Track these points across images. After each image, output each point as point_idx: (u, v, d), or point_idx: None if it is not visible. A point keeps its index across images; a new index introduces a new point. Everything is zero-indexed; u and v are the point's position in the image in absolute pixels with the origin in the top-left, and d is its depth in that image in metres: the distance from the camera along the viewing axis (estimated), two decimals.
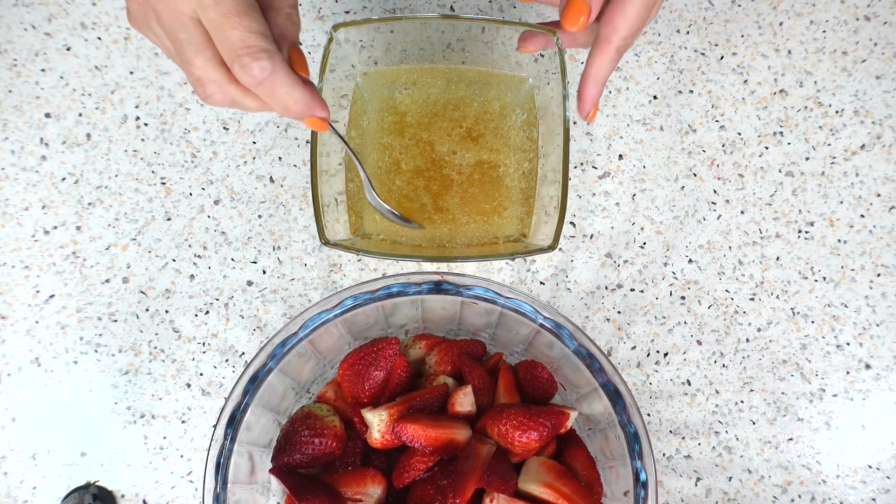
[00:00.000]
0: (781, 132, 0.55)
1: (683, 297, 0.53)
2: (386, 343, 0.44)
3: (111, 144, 0.54)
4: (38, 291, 0.52)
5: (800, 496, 0.51)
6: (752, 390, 0.52)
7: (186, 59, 0.34)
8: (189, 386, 0.51)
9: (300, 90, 0.35)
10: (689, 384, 0.52)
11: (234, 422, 0.41)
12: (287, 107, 0.35)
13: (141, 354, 0.51)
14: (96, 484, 0.50)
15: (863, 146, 0.55)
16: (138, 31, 0.37)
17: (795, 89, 0.55)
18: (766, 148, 0.55)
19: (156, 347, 0.52)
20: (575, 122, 0.55)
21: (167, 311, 0.52)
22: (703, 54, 0.56)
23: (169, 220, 0.53)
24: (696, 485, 0.51)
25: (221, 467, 0.40)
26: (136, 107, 0.54)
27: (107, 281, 0.52)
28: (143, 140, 0.54)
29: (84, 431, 0.51)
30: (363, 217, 0.49)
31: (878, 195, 0.54)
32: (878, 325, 0.53)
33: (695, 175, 0.54)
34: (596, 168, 0.54)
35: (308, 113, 0.36)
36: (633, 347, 0.53)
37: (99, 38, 0.55)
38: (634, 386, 0.52)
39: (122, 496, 0.50)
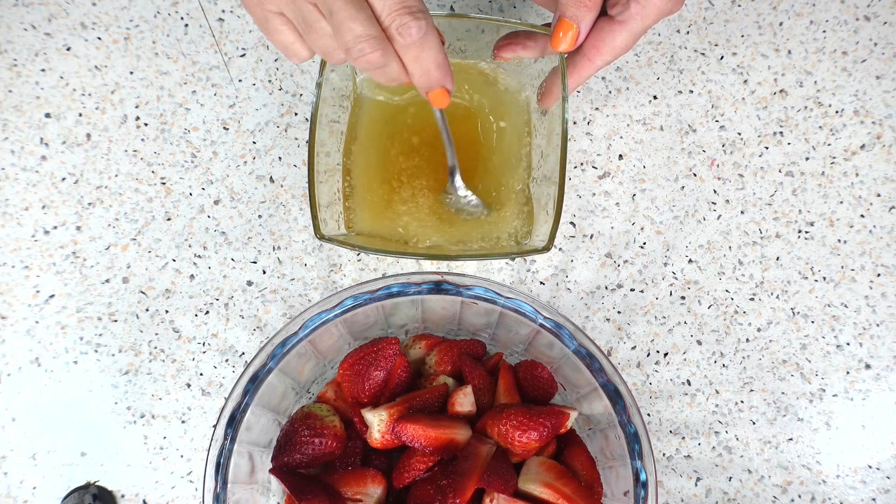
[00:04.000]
0: (781, 132, 0.55)
1: (683, 297, 0.53)
2: (386, 343, 0.44)
3: (111, 144, 0.54)
4: (38, 291, 0.52)
5: (800, 496, 0.51)
6: (752, 390, 0.52)
7: (343, 18, 0.33)
8: (189, 386, 0.51)
9: (444, 56, 0.36)
10: (689, 384, 0.52)
11: (234, 422, 0.41)
12: (429, 72, 0.36)
13: (141, 354, 0.51)
14: (96, 484, 0.50)
15: (863, 146, 0.55)
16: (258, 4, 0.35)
17: (795, 89, 0.55)
18: (766, 148, 0.55)
19: (156, 347, 0.52)
20: (574, 123, 0.55)
21: (167, 311, 0.52)
22: (703, 54, 0.56)
23: (169, 220, 0.53)
24: (696, 485, 0.51)
25: (221, 467, 0.40)
26: (136, 107, 0.54)
27: (107, 281, 0.52)
28: (143, 140, 0.54)
29: (84, 431, 0.51)
30: (361, 216, 0.49)
31: (878, 195, 0.54)
32: (878, 325, 0.53)
33: (695, 175, 0.54)
34: (596, 168, 0.54)
35: (443, 81, 0.36)
36: (633, 347, 0.53)
37: (99, 38, 0.55)
38: (634, 386, 0.52)
39: (122, 496, 0.50)
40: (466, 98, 0.49)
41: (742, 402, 0.52)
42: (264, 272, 0.53)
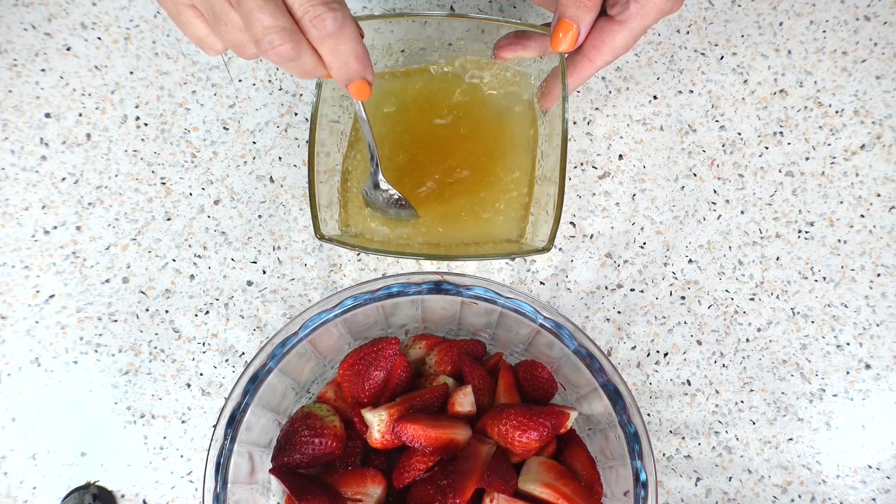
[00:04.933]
0: (781, 132, 0.55)
1: (683, 297, 0.53)
2: (386, 343, 0.44)
3: (111, 144, 0.54)
4: (38, 291, 0.52)
5: (800, 496, 0.51)
6: (752, 390, 0.52)
7: (251, 8, 0.32)
8: (189, 386, 0.51)
9: (363, 47, 0.34)
10: (689, 384, 0.52)
11: (234, 422, 0.41)
12: (347, 64, 0.34)
13: (141, 354, 0.51)
14: (96, 484, 0.50)
15: (863, 146, 0.55)
16: None
17: (795, 89, 0.55)
18: (766, 148, 0.55)
19: (156, 347, 0.52)
20: (574, 123, 0.55)
21: (167, 311, 0.52)
22: (703, 54, 0.56)
23: (169, 220, 0.53)
24: (696, 485, 0.51)
25: (221, 467, 0.40)
26: (136, 107, 0.54)
27: (107, 281, 0.52)
28: (143, 140, 0.54)
29: (84, 431, 0.51)
30: (361, 216, 0.49)
31: (878, 195, 0.54)
32: (878, 325, 0.53)
33: (695, 175, 0.54)
34: (596, 168, 0.54)
35: (363, 73, 0.35)
36: (633, 347, 0.53)
37: (99, 38, 0.55)
38: (634, 386, 0.52)
39: (122, 496, 0.50)
40: (470, 95, 0.49)
41: (742, 402, 0.52)
42: (264, 272, 0.53)
